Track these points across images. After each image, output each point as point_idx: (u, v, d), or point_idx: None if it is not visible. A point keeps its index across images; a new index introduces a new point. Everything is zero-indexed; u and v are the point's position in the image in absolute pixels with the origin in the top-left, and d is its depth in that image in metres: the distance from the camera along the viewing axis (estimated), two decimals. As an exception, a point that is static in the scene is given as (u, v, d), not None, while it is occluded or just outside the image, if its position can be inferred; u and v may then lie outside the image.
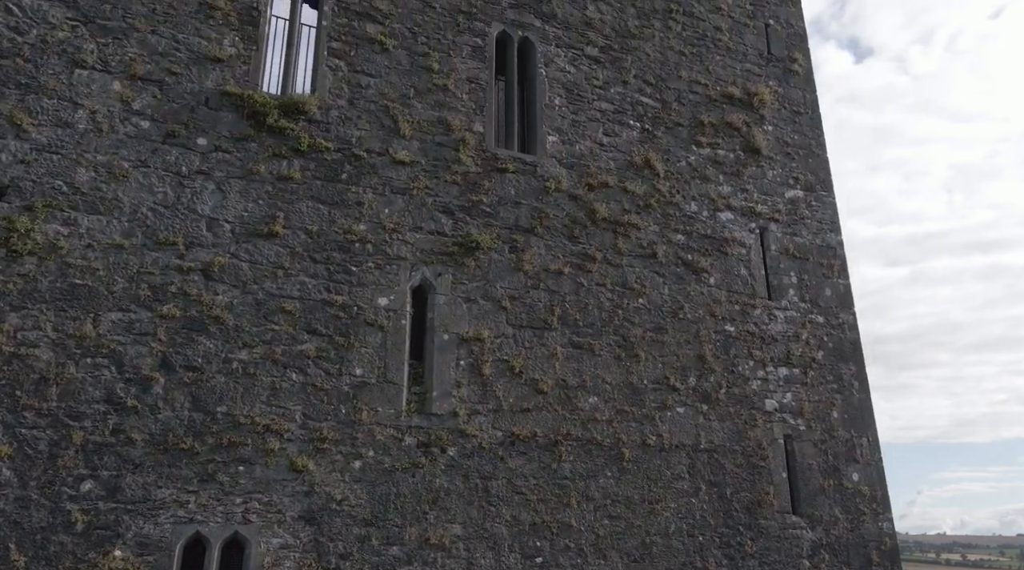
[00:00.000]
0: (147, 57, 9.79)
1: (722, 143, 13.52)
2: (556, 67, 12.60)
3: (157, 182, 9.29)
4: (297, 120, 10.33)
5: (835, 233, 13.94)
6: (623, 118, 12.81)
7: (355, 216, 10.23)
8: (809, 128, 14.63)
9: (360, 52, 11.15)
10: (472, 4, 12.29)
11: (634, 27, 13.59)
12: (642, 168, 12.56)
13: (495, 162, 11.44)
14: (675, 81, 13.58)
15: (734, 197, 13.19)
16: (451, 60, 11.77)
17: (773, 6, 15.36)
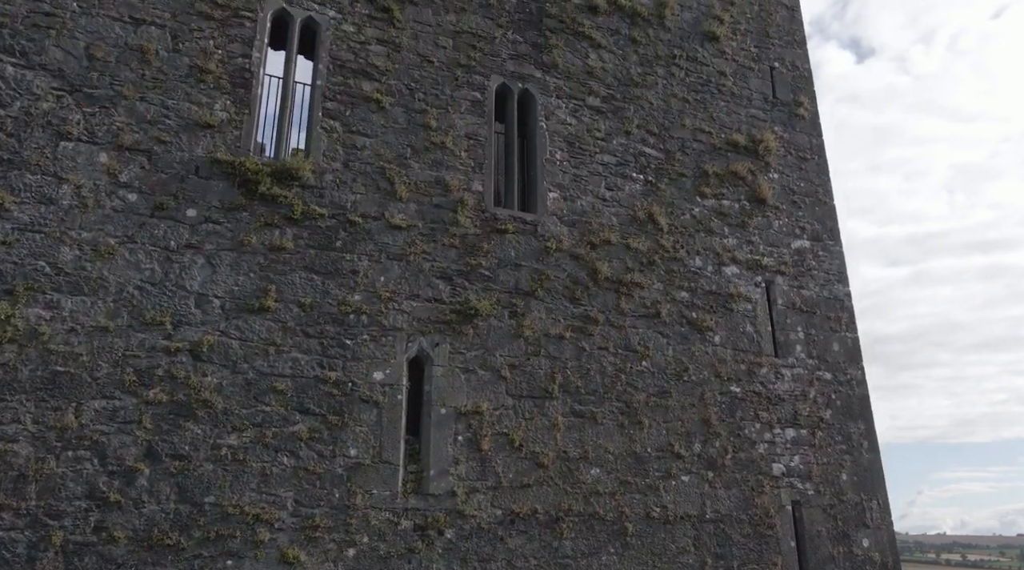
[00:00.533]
0: (135, 126, 9.39)
1: (727, 193, 13.09)
2: (557, 119, 12.18)
3: (144, 258, 8.88)
4: (290, 186, 9.92)
5: (843, 284, 13.50)
6: (626, 170, 12.39)
7: (350, 286, 9.82)
8: (816, 174, 14.19)
9: (356, 111, 10.74)
10: (471, 57, 11.87)
11: (637, 75, 13.16)
12: (645, 223, 12.14)
13: (494, 223, 11.02)
14: (679, 130, 13.15)
15: (739, 250, 12.75)
16: (449, 116, 11.36)
17: (778, 48, 14.93)
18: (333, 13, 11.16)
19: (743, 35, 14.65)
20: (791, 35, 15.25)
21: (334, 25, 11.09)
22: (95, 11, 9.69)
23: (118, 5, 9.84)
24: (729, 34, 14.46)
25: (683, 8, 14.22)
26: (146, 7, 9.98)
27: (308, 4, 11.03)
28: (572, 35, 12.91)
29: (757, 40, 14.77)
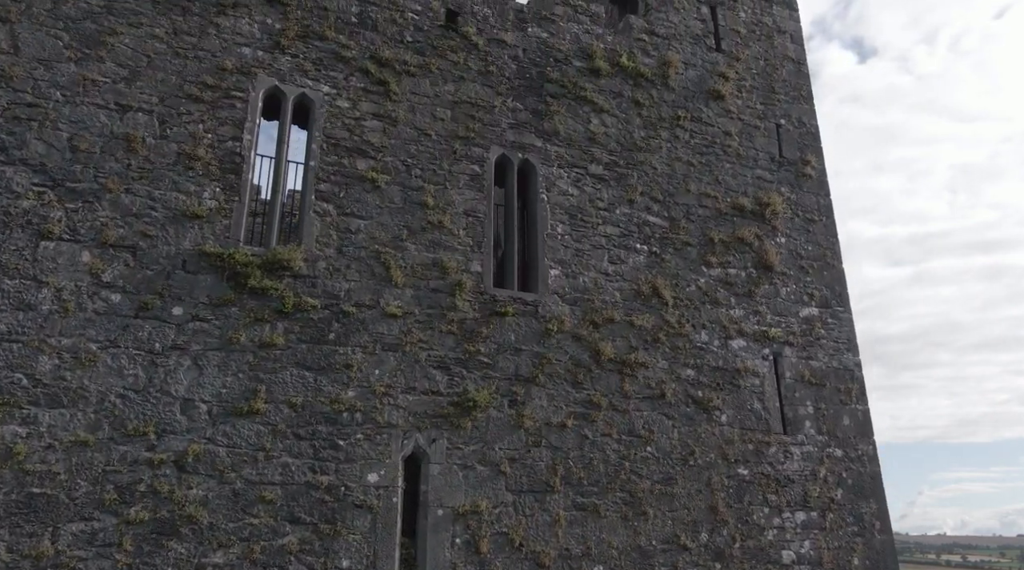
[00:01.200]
0: (120, 220, 8.91)
1: (733, 261, 12.57)
2: (559, 190, 11.68)
3: (127, 363, 8.40)
4: (281, 277, 9.43)
5: (852, 353, 12.97)
6: (629, 241, 11.88)
7: (343, 381, 9.32)
8: (824, 237, 13.66)
9: (350, 192, 10.26)
10: (470, 128, 11.38)
11: (640, 139, 12.66)
12: (650, 297, 11.63)
13: (494, 305, 10.52)
14: (683, 195, 12.63)
15: (746, 321, 12.23)
16: (447, 192, 10.87)
17: (784, 104, 14.40)
18: (327, 89, 10.67)
19: (748, 92, 14.13)
20: (797, 90, 14.72)
21: (328, 101, 10.61)
22: (79, 99, 9.22)
23: (104, 92, 9.37)
24: (734, 91, 13.94)
25: (687, 66, 13.71)
26: (133, 92, 9.51)
27: (301, 81, 10.55)
28: (573, 100, 12.41)
29: (763, 97, 14.25)
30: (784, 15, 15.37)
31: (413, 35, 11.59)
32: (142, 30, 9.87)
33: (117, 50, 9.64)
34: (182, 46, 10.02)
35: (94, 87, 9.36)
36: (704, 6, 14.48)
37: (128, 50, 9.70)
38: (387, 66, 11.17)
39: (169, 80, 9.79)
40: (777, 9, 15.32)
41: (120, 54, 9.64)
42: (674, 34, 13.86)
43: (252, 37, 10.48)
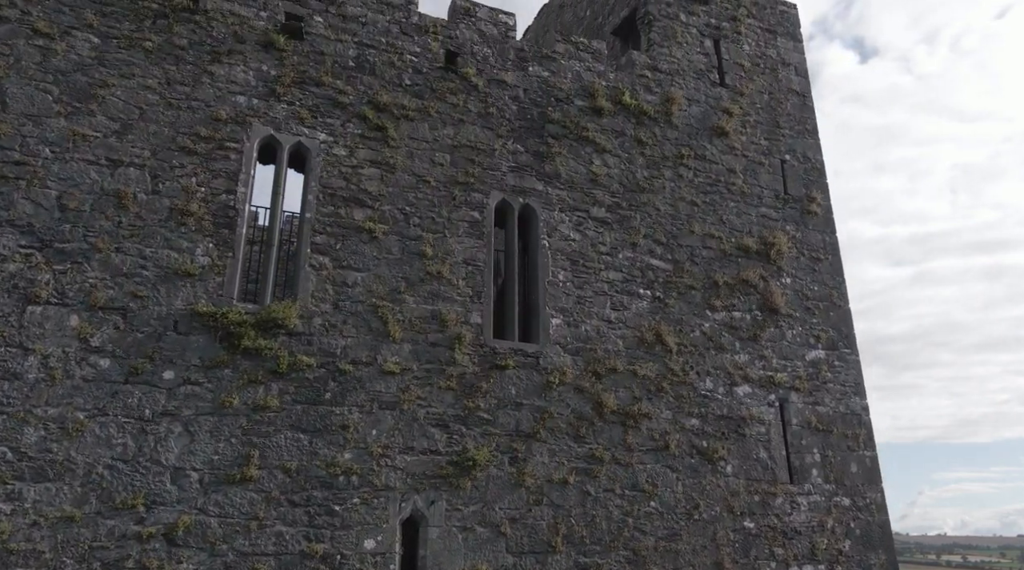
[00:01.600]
0: (109, 281, 8.61)
1: (738, 304, 12.25)
2: (560, 236, 11.36)
3: (116, 432, 8.10)
4: (276, 336, 9.13)
5: (860, 396, 12.63)
6: (632, 287, 11.56)
7: (339, 443, 9.01)
8: (829, 276, 13.32)
9: (347, 244, 9.95)
10: (469, 173, 11.07)
11: (643, 179, 12.34)
12: (653, 345, 11.30)
13: (494, 358, 10.20)
14: (687, 237, 12.31)
15: (751, 366, 11.91)
16: (446, 241, 10.56)
17: (789, 139, 14.07)
18: (324, 136, 10.37)
19: (753, 127, 13.81)
20: (802, 124, 14.39)
21: (325, 149, 10.31)
22: (69, 156, 8.92)
23: (94, 147, 9.07)
24: (739, 127, 13.61)
25: (691, 102, 13.39)
26: (125, 147, 9.22)
27: (297, 129, 10.25)
28: (575, 141, 12.09)
29: (767, 132, 13.92)
30: (788, 47, 15.03)
31: (412, 78, 11.28)
32: (134, 81, 9.57)
33: (108, 103, 9.34)
34: (175, 96, 9.72)
35: (84, 142, 9.07)
36: (708, 39, 14.16)
37: (120, 102, 9.41)
38: (385, 111, 10.86)
39: (162, 132, 9.49)
40: (781, 41, 14.99)
41: (112, 107, 9.35)
42: (677, 69, 13.54)
43: (247, 85, 10.18)
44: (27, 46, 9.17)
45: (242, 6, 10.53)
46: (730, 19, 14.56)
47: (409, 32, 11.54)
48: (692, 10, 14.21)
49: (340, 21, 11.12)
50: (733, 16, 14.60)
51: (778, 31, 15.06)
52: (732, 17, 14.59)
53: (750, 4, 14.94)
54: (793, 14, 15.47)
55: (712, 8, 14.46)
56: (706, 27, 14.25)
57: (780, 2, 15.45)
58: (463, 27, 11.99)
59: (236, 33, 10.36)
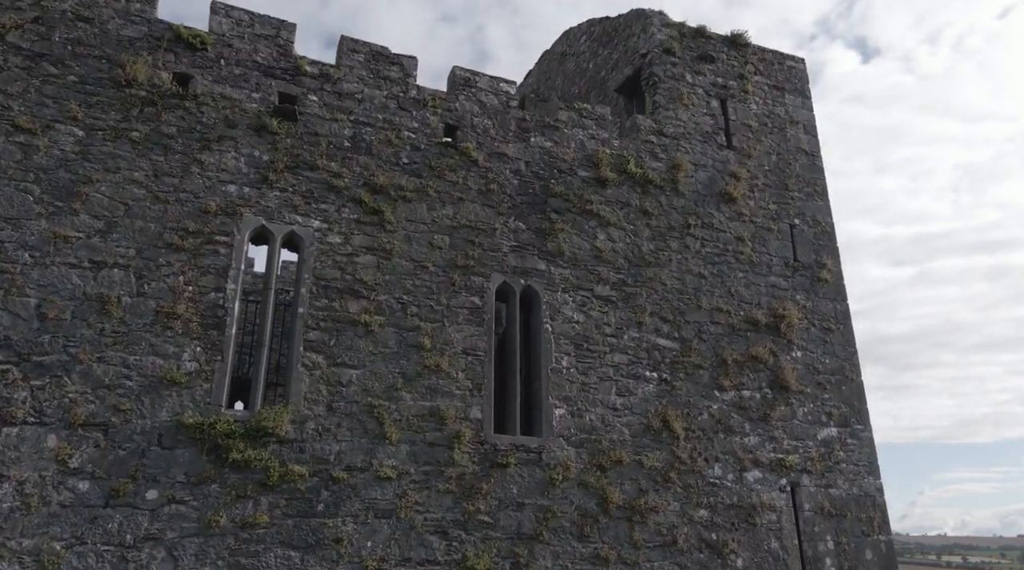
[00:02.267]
0: (91, 394, 8.10)
1: (747, 382, 11.70)
2: (564, 318, 10.82)
3: (95, 562, 7.61)
4: (266, 445, 8.61)
5: (873, 476, 12.08)
6: (638, 369, 11.02)
7: (332, 559, 8.50)
8: (841, 347, 12.76)
9: (341, 339, 9.43)
10: (469, 256, 10.55)
11: (649, 252, 11.79)
12: (660, 431, 10.77)
13: (495, 455, 9.68)
14: (695, 312, 11.77)
15: (761, 449, 11.36)
16: (445, 330, 10.03)
17: (798, 202, 13.51)
18: (318, 223, 9.86)
19: (761, 191, 13.25)
20: (812, 185, 13.83)
21: (319, 238, 9.80)
22: (50, 260, 8.42)
23: (77, 249, 8.57)
24: (746, 192, 13.06)
25: (697, 167, 12.84)
26: (109, 246, 8.71)
27: (290, 217, 9.74)
28: (579, 214, 11.56)
29: (776, 195, 13.36)
30: (797, 104, 14.47)
31: (409, 156, 10.76)
32: (120, 175, 9.07)
33: (92, 200, 8.84)
34: (163, 189, 9.21)
35: (66, 244, 8.56)
36: (714, 99, 13.61)
37: (104, 199, 8.90)
38: (382, 193, 10.35)
39: (148, 229, 8.98)
40: (790, 98, 14.43)
41: (95, 204, 8.84)
42: (683, 132, 12.99)
43: (238, 173, 9.67)
44: (7, 143, 8.68)
45: (234, 88, 10.02)
46: (737, 77, 14.00)
47: (407, 107, 11.02)
48: (698, 69, 13.66)
49: (336, 99, 10.60)
50: (740, 74, 14.04)
51: (786, 88, 14.50)
52: (739, 75, 14.03)
53: (757, 61, 14.38)
54: (801, 69, 14.91)
55: (719, 66, 13.91)
56: (712, 86, 13.70)
57: (788, 58, 14.88)
58: (463, 98, 11.46)
59: (227, 118, 9.85)
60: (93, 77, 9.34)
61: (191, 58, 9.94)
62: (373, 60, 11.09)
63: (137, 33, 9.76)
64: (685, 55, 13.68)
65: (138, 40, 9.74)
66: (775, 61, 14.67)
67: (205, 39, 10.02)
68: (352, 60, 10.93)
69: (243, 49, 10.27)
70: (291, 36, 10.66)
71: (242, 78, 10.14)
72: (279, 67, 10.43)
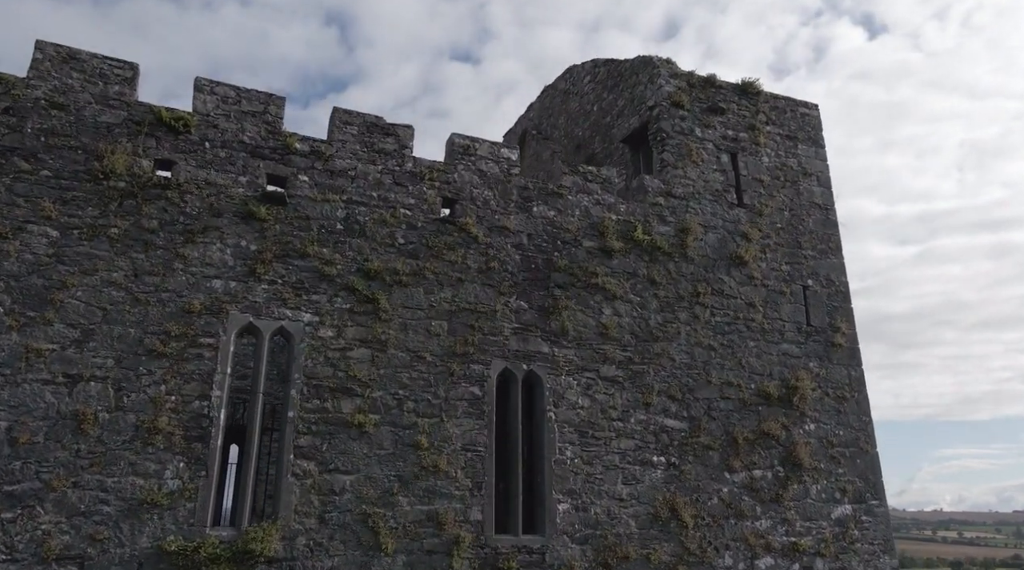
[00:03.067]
0: (65, 524, 7.53)
1: (759, 461, 11.10)
2: (568, 404, 10.20)
3: None
4: (254, 567, 8.01)
5: (889, 556, 11.50)
6: (645, 454, 10.42)
7: None
8: (855, 416, 12.11)
9: (334, 443, 8.83)
10: (469, 342, 9.93)
11: (657, 325, 11.13)
12: (668, 521, 10.21)
13: (496, 560, 9.12)
14: (704, 388, 11.13)
15: (774, 533, 10.78)
16: (443, 426, 9.43)
17: (811, 261, 12.80)
18: (309, 316, 9.23)
19: (773, 251, 12.54)
20: (825, 242, 13.11)
21: (310, 333, 9.17)
22: (22, 378, 7.83)
23: (51, 363, 7.97)
24: (758, 253, 12.35)
25: (707, 229, 12.13)
26: (85, 358, 8.11)
27: (279, 312, 9.11)
28: (584, 289, 10.89)
29: (788, 254, 12.64)
30: (810, 154, 13.70)
31: (406, 235, 10.08)
32: (97, 277, 8.44)
33: (67, 307, 8.21)
34: (143, 289, 8.57)
35: (39, 359, 7.96)
36: (724, 154, 12.85)
37: (80, 305, 8.28)
38: (376, 278, 9.69)
39: (127, 335, 8.36)
40: (802, 149, 13.66)
41: (71, 312, 8.21)
42: (692, 192, 12.26)
43: (223, 266, 9.02)
44: (-25, 249, 8.01)
45: (219, 173, 9.34)
46: (748, 128, 13.23)
47: (403, 181, 10.33)
48: (708, 122, 12.89)
49: (327, 177, 9.91)
50: (751, 125, 13.26)
51: (799, 137, 13.72)
52: (750, 126, 13.25)
53: (769, 110, 13.60)
54: (814, 116, 14.12)
55: (729, 118, 13.14)
56: (723, 140, 12.94)
57: (801, 104, 14.09)
58: (461, 169, 10.76)
59: (212, 206, 9.18)
60: (68, 170, 8.67)
61: (174, 142, 9.25)
62: (367, 132, 10.37)
63: (116, 119, 9.07)
64: (694, 107, 12.91)
65: (116, 126, 9.05)
66: (787, 109, 13.88)
67: (188, 121, 9.32)
68: (345, 134, 10.22)
69: (229, 129, 9.57)
70: (280, 111, 9.95)
71: (228, 161, 9.45)
72: (267, 146, 9.73)
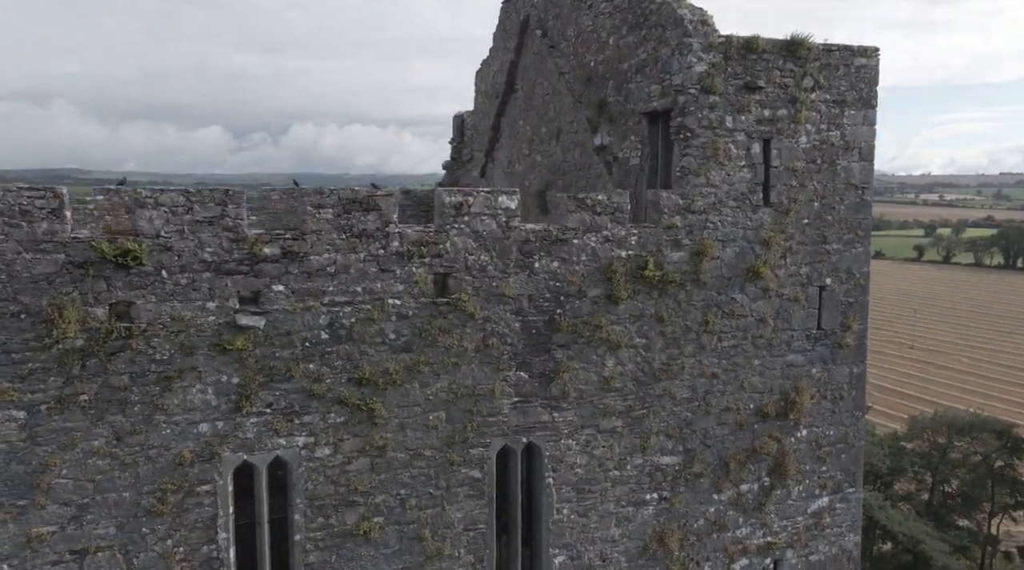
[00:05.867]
0: None
1: (747, 476, 11.35)
2: (566, 466, 10.19)
3: None
4: None
5: (854, 533, 12.36)
6: (639, 495, 10.69)
7: None
8: (848, 414, 12.04)
9: (342, 553, 9.12)
10: (468, 428, 9.68)
11: (661, 366, 10.59)
12: (655, 551, 10.78)
13: (497, 620, 9.87)
14: (703, 419, 10.98)
15: (752, 537, 11.51)
16: (445, 514, 9.58)
17: (834, 257, 11.66)
18: (304, 439, 8.83)
19: (795, 254, 11.32)
20: (854, 229, 11.71)
21: (307, 456, 8.82)
22: (30, 564, 7.87)
23: (55, 543, 7.99)
24: (777, 261, 11.19)
25: (726, 244, 10.82)
26: (86, 532, 8.09)
27: (273, 442, 8.68)
28: (587, 344, 10.14)
29: (811, 254, 11.41)
30: (858, 120, 11.50)
31: (396, 328, 9.10)
32: (78, 450, 7.92)
33: (56, 488, 7.86)
34: (129, 452, 8.09)
35: (42, 544, 7.86)
36: (756, 143, 10.85)
37: (69, 482, 7.91)
38: (368, 384, 9.02)
39: (123, 500, 8.12)
40: (850, 115, 11.43)
41: (61, 492, 7.88)
42: (713, 202, 10.64)
43: (207, 407, 8.36)
44: (-56, 453, 7.40)
45: (184, 304, 8.14)
46: (789, 102, 10.93)
47: (389, 266, 8.99)
48: (742, 105, 10.62)
49: (305, 280, 8.63)
50: (793, 97, 10.93)
51: (847, 100, 11.37)
52: (792, 99, 10.93)
53: (818, 70, 11.07)
54: (871, 67, 11.52)
55: (768, 94, 10.78)
56: (756, 125, 10.80)
57: (858, 53, 11.40)
58: (454, 234, 9.27)
59: (183, 345, 8.19)
60: (17, 342, 7.58)
61: (126, 280, 7.90)
62: (344, 212, 8.72)
63: (53, 266, 7.64)
64: (728, 88, 10.53)
65: (56, 275, 7.64)
66: (840, 63, 11.26)
67: (137, 252, 7.84)
68: (319, 221, 8.61)
69: (185, 249, 8.08)
70: (240, 210, 8.28)
71: (191, 287, 8.16)
72: (232, 258, 8.30)
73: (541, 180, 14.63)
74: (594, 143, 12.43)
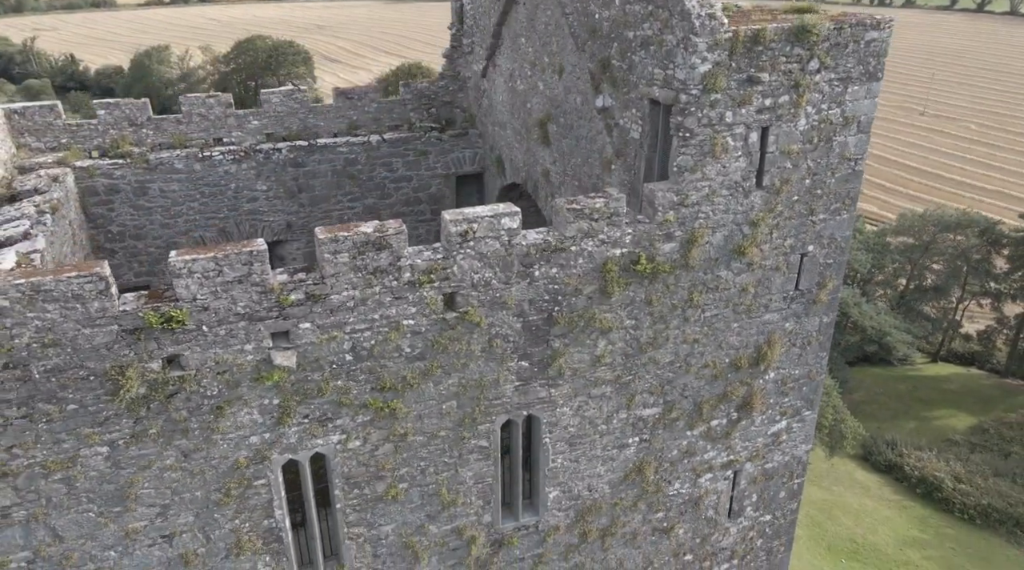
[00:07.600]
0: (204, 614, 10.66)
1: (718, 414, 13.21)
2: (561, 427, 12.02)
3: None
4: (335, 596, 11.43)
5: (806, 444, 14.46)
6: (623, 440, 12.65)
7: (394, 633, 12.18)
8: (814, 355, 13.60)
9: (375, 511, 11.29)
10: (477, 409, 11.28)
11: (647, 339, 11.97)
12: (634, 479, 13.00)
13: (501, 541, 12.37)
14: (683, 376, 12.57)
15: (717, 459, 13.66)
16: (458, 474, 11.60)
17: (819, 226, 12.34)
18: (338, 436, 10.50)
19: (781, 229, 12.03)
20: (842, 198, 12.26)
21: (340, 448, 10.57)
22: (132, 549, 9.93)
23: (149, 532, 9.98)
24: (764, 237, 11.93)
25: (715, 229, 11.53)
26: (171, 522, 10.05)
27: (312, 443, 10.36)
28: (582, 331, 11.36)
29: (797, 226, 12.10)
30: (860, 94, 11.46)
31: (411, 343, 10.31)
32: (154, 468, 9.58)
33: (142, 497, 9.69)
34: (195, 464, 9.80)
35: (138, 534, 9.84)
36: (754, 133, 11.03)
37: (151, 492, 9.71)
38: (389, 390, 10.46)
39: (196, 498, 9.98)
40: (854, 90, 11.36)
41: (146, 498, 9.71)
42: (707, 194, 11.15)
43: (255, 425, 9.90)
44: (50, 484, 9.13)
45: (224, 350, 9.29)
46: (792, 88, 10.89)
47: (402, 294, 9.94)
48: (743, 98, 10.65)
49: (328, 316, 9.66)
50: (796, 83, 10.86)
51: (853, 76, 11.23)
52: (795, 84, 10.87)
53: (825, 52, 10.83)
54: (882, 41, 11.17)
55: (771, 82, 10.72)
56: (756, 114, 10.89)
57: (872, 27, 11.01)
58: (460, 259, 10.04)
59: (229, 381, 9.48)
60: (90, 398, 8.88)
61: (173, 338, 8.96)
62: (359, 254, 9.46)
63: (109, 336, 8.66)
64: (731, 83, 10.47)
65: (114, 343, 8.72)
66: (851, 40, 10.93)
67: (180, 317, 8.82)
68: (336, 265, 9.39)
69: (221, 307, 9.02)
70: (264, 266, 9.04)
71: (230, 336, 9.23)
72: (262, 307, 9.25)
73: (543, 109, 14.59)
74: (595, 104, 12.41)
